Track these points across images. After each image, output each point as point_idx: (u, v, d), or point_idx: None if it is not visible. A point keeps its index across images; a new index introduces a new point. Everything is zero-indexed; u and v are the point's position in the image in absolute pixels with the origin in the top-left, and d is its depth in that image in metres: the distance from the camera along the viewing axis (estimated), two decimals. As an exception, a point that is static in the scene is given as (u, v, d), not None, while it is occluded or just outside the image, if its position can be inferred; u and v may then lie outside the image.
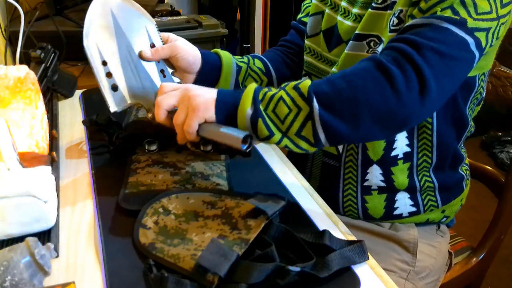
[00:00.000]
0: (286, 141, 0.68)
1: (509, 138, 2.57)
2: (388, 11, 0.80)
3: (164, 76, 0.85)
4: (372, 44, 0.83)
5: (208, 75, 0.92)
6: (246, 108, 0.68)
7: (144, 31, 0.86)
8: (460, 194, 0.93)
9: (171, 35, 0.91)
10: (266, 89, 0.70)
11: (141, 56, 0.83)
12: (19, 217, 0.65)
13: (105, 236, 0.68)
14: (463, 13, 0.67)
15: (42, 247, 0.59)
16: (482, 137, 2.66)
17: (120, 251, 0.65)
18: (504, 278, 1.76)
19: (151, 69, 0.84)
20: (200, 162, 0.85)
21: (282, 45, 1.08)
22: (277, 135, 0.68)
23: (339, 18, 0.91)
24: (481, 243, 1.08)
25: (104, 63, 0.78)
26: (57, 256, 0.66)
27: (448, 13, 0.67)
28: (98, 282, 0.62)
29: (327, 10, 0.94)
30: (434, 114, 0.82)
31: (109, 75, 0.78)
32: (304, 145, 0.68)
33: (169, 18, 1.61)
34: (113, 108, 0.78)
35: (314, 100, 0.65)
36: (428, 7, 0.69)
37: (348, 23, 0.89)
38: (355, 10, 0.88)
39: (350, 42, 0.85)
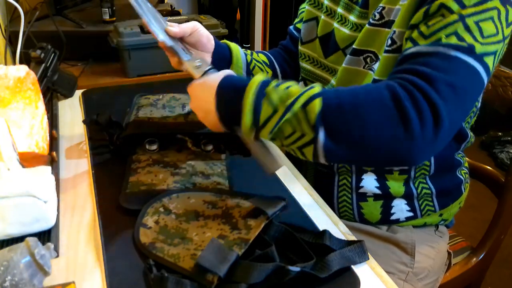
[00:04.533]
0: (285, 148, 0.67)
1: (509, 138, 2.57)
2: (386, 29, 0.79)
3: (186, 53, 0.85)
4: (368, 60, 0.83)
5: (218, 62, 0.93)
6: (247, 135, 0.66)
7: (158, 17, 0.87)
8: (458, 197, 0.93)
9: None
10: (270, 110, 0.63)
11: (168, 32, 0.84)
12: (19, 217, 0.65)
13: (105, 236, 0.68)
14: (468, 39, 0.63)
15: (42, 247, 0.59)
16: (482, 137, 2.65)
17: (120, 251, 0.65)
18: (504, 278, 1.76)
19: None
20: (200, 162, 0.85)
21: (281, 48, 1.09)
22: (278, 144, 0.66)
23: (335, 25, 0.91)
24: (481, 243, 1.08)
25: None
26: (57, 256, 0.66)
27: (454, 40, 0.63)
28: (98, 282, 0.62)
29: (322, 17, 0.94)
30: None
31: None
32: (301, 157, 0.66)
33: (169, 18, 1.61)
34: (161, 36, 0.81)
35: (320, 131, 0.60)
36: (430, 32, 0.66)
37: (346, 31, 0.89)
38: (352, 18, 0.87)
39: (348, 56, 0.85)
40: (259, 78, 0.66)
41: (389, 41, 0.76)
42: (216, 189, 0.77)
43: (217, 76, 0.69)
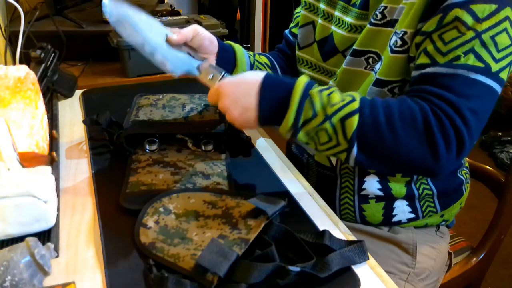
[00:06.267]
0: (318, 152, 0.72)
1: (509, 138, 2.57)
2: (388, 29, 0.79)
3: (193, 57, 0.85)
4: (370, 60, 0.83)
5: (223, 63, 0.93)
6: (285, 132, 0.70)
7: (158, 25, 0.85)
8: (459, 198, 0.93)
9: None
10: (310, 113, 0.68)
11: (169, 41, 0.82)
12: (19, 217, 0.65)
13: (105, 236, 0.68)
14: (486, 57, 0.66)
15: (42, 247, 0.59)
16: (482, 137, 2.65)
17: (120, 251, 0.65)
18: (504, 278, 1.76)
19: (186, 54, 0.84)
20: (200, 162, 0.85)
21: (278, 51, 1.09)
22: (312, 147, 0.71)
23: (333, 28, 0.91)
24: (481, 243, 1.08)
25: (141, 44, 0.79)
26: (57, 256, 0.66)
27: (472, 60, 0.66)
28: (98, 282, 0.62)
29: (320, 21, 0.94)
30: None
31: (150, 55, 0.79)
32: (332, 158, 0.72)
33: (169, 18, 1.61)
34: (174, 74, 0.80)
35: (355, 145, 0.67)
36: (448, 50, 0.68)
37: (342, 32, 0.89)
38: (348, 20, 0.87)
39: (348, 57, 0.85)
40: (304, 79, 0.70)
41: (399, 42, 0.75)
42: (216, 189, 0.77)
43: (255, 74, 0.71)
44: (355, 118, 0.66)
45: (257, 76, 0.71)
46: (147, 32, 0.80)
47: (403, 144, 0.66)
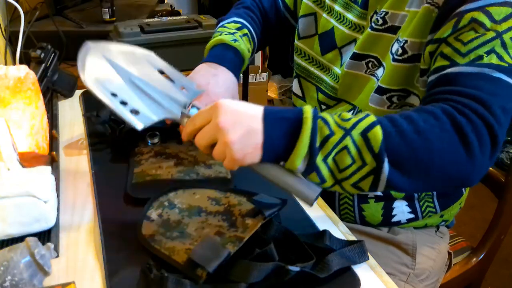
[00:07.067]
0: (335, 188, 0.62)
1: (509, 138, 2.57)
2: (389, 34, 0.79)
3: (186, 91, 0.78)
4: (370, 65, 0.82)
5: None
6: (298, 160, 0.59)
7: (145, 62, 0.77)
8: (459, 198, 0.93)
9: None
10: (326, 130, 0.59)
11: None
12: (19, 217, 0.65)
13: (105, 236, 0.68)
14: (507, 58, 0.64)
15: (42, 247, 0.59)
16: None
17: (120, 251, 0.65)
18: (504, 278, 1.76)
19: (169, 88, 0.75)
20: (201, 152, 0.86)
21: (257, 13, 1.02)
22: (329, 182, 0.61)
23: (334, 22, 0.91)
24: (481, 243, 1.08)
25: (114, 94, 0.71)
26: (57, 256, 0.66)
27: (494, 60, 0.64)
28: (98, 282, 0.62)
29: (324, 15, 0.93)
30: None
31: (123, 103, 0.70)
32: (353, 192, 0.64)
33: (169, 18, 1.61)
34: (139, 125, 0.67)
35: (385, 160, 0.58)
36: (468, 50, 0.65)
37: (343, 29, 0.89)
38: (351, 17, 0.87)
39: (348, 60, 0.85)
40: (309, 106, 0.62)
41: (400, 50, 0.75)
42: (218, 179, 0.79)
43: (254, 105, 0.62)
44: (378, 129, 0.58)
45: (255, 105, 0.62)
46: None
47: (436, 150, 0.59)
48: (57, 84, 1.10)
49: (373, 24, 0.81)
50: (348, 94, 0.88)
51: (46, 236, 0.68)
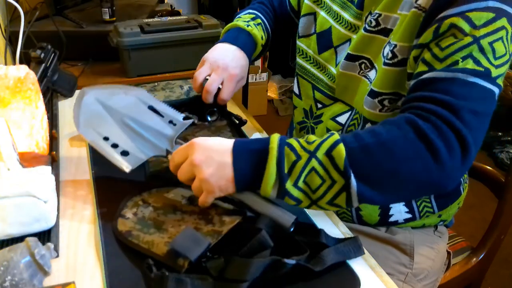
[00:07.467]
0: (313, 207, 0.65)
1: (509, 138, 2.57)
2: (382, 37, 0.79)
3: (174, 124, 0.85)
4: (363, 66, 0.83)
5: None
6: (269, 188, 0.63)
7: (137, 101, 0.88)
8: (457, 198, 0.92)
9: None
10: (293, 156, 0.62)
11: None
12: (19, 217, 0.65)
13: (105, 236, 0.68)
14: (484, 62, 0.64)
15: (42, 247, 0.59)
16: (482, 137, 2.65)
17: (120, 251, 0.65)
18: (504, 278, 1.76)
19: (158, 124, 0.84)
20: (207, 132, 0.92)
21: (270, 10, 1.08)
22: (305, 203, 0.64)
23: (331, 22, 0.91)
24: (481, 243, 1.08)
25: (106, 138, 0.80)
26: (57, 256, 0.66)
27: (470, 65, 0.64)
28: (98, 282, 0.62)
29: (322, 13, 0.94)
30: None
31: (114, 146, 0.79)
32: (333, 209, 0.66)
33: (169, 18, 1.61)
34: (127, 167, 0.75)
35: (352, 175, 0.60)
36: (445, 55, 0.66)
37: (340, 28, 0.89)
38: (347, 17, 0.88)
39: (343, 61, 0.86)
40: (276, 134, 0.65)
41: (390, 54, 0.75)
42: None
43: (224, 139, 0.67)
44: (341, 147, 0.61)
45: (226, 140, 0.67)
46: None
47: (400, 160, 0.60)
48: (57, 84, 1.10)
49: (366, 26, 0.81)
50: (345, 95, 0.89)
51: (46, 236, 0.68)
